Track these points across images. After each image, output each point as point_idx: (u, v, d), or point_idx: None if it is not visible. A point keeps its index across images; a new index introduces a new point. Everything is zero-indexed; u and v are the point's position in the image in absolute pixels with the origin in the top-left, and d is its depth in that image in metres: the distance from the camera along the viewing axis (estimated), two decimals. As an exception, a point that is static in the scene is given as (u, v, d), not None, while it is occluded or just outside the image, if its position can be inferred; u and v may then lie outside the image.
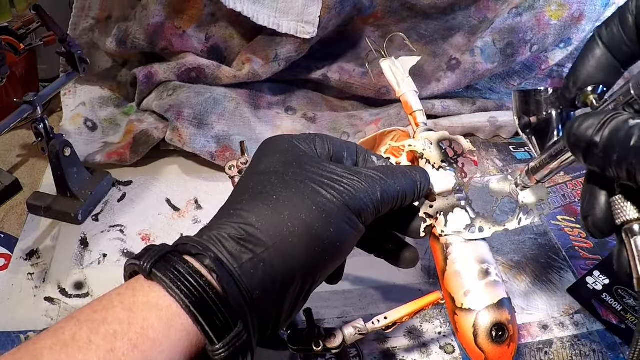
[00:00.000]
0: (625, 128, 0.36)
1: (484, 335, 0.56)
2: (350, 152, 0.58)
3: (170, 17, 1.03)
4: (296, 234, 0.47)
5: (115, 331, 0.39)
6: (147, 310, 0.41)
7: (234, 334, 0.42)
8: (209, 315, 0.42)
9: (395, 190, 0.54)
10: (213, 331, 0.42)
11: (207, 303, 0.42)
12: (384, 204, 0.53)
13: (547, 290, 0.79)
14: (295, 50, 1.02)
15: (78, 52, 0.88)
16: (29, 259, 0.82)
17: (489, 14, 1.09)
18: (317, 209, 0.49)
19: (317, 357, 0.70)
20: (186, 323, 0.42)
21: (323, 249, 0.49)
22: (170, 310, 0.42)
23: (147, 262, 0.43)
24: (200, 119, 0.96)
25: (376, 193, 0.53)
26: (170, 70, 1.03)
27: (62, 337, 0.39)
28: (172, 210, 0.91)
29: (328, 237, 0.49)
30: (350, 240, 0.52)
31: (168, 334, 0.41)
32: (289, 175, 0.51)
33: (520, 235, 0.87)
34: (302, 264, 0.48)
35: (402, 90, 0.71)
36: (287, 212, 0.48)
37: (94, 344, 0.38)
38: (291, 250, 0.47)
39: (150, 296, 0.42)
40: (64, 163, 0.85)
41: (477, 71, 1.05)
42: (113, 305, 0.42)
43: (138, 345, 0.39)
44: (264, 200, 0.49)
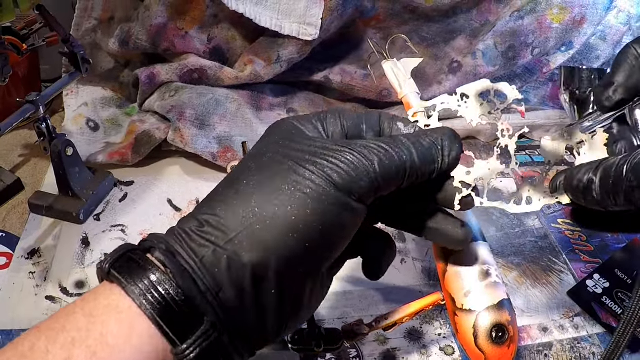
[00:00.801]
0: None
1: (484, 336, 0.56)
2: (371, 123, 0.52)
3: (173, 18, 1.03)
4: (264, 220, 0.42)
5: (74, 339, 0.38)
6: (107, 314, 0.39)
7: (199, 333, 0.39)
8: (169, 315, 0.39)
9: (399, 161, 0.47)
10: (175, 332, 0.39)
11: (167, 300, 0.39)
12: (384, 178, 0.46)
13: (547, 292, 0.79)
14: (297, 52, 1.03)
15: (81, 52, 0.89)
16: (31, 258, 0.82)
17: (490, 17, 1.09)
18: (289, 188, 0.43)
19: (317, 357, 0.70)
20: (148, 326, 0.39)
21: (299, 235, 0.43)
22: (130, 312, 0.39)
23: (107, 263, 0.41)
24: (202, 120, 0.97)
25: (373, 165, 0.45)
26: (172, 71, 1.03)
27: (21, 349, 0.38)
28: (174, 211, 0.91)
29: (303, 219, 0.43)
30: (338, 223, 0.45)
31: (129, 339, 0.38)
32: (267, 157, 0.47)
33: (520, 238, 0.87)
34: (277, 255, 0.42)
35: (404, 92, 0.71)
36: (256, 196, 0.44)
37: (51, 353, 0.37)
38: (260, 240, 0.42)
39: (111, 299, 0.40)
40: (66, 163, 0.85)
41: (479, 74, 1.05)
42: (74, 312, 0.40)
43: (97, 353, 0.37)
44: (234, 186, 0.46)
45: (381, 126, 0.52)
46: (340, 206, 0.44)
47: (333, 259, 0.48)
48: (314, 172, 0.44)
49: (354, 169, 0.44)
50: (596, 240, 0.87)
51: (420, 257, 0.83)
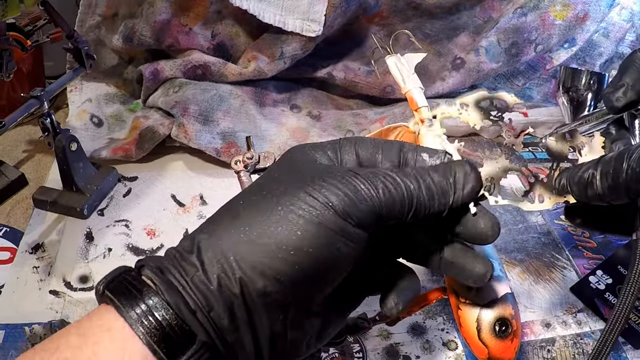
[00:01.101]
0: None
1: (487, 329, 0.56)
2: (389, 153, 0.49)
3: (177, 14, 1.04)
4: (253, 240, 0.41)
5: (67, 358, 0.37)
6: (100, 334, 0.39)
7: (190, 353, 0.39)
8: (161, 334, 0.38)
9: (405, 192, 0.44)
10: (166, 352, 0.38)
11: (158, 320, 0.38)
12: (387, 206, 0.43)
13: (550, 288, 0.80)
14: (300, 48, 1.03)
15: (85, 48, 0.89)
16: (35, 253, 0.82)
17: (493, 14, 1.09)
18: (282, 209, 0.42)
19: (320, 350, 0.70)
20: (141, 346, 0.38)
21: (291, 259, 0.41)
22: (123, 332, 0.39)
23: (101, 284, 0.41)
24: (206, 116, 0.97)
25: (376, 191, 0.43)
26: (176, 67, 1.04)
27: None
28: (177, 206, 0.91)
29: (294, 243, 0.41)
30: (333, 248, 0.42)
31: (122, 358, 0.38)
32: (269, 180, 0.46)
33: (523, 234, 0.88)
34: (266, 276, 0.40)
35: (407, 87, 0.71)
36: (248, 218, 0.43)
37: None
38: (249, 260, 0.41)
39: (105, 319, 0.40)
40: (70, 158, 0.86)
41: (482, 70, 1.05)
42: (68, 332, 0.40)
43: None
44: (231, 207, 0.45)
45: (403, 157, 0.49)
46: (336, 230, 0.42)
47: (328, 287, 0.45)
48: (310, 194, 0.42)
49: (353, 192, 0.42)
50: (599, 237, 0.87)
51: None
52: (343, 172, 0.44)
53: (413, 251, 0.52)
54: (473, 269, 0.49)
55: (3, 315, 0.74)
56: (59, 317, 0.73)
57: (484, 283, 0.50)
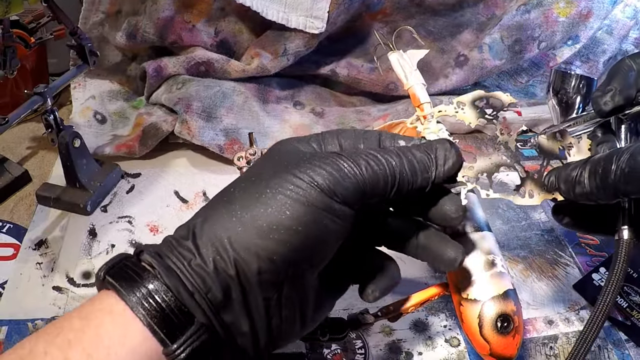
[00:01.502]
0: None
1: (489, 325, 0.56)
2: (370, 141, 0.51)
3: (180, 11, 1.04)
4: (246, 222, 0.43)
5: (70, 340, 0.39)
6: (101, 318, 0.40)
7: (189, 333, 0.40)
8: (160, 316, 0.40)
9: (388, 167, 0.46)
10: (166, 332, 0.40)
11: (158, 303, 0.40)
12: (371, 182, 0.45)
13: (552, 285, 0.79)
14: (304, 45, 1.03)
15: (88, 45, 0.89)
16: (38, 249, 0.82)
17: (497, 11, 1.09)
18: (270, 190, 0.44)
19: (322, 347, 0.70)
20: (142, 328, 0.40)
21: (281, 237, 0.43)
22: (124, 315, 0.40)
23: (102, 270, 0.42)
24: (209, 112, 0.97)
25: (359, 168, 0.45)
26: (179, 64, 1.04)
27: (21, 352, 0.39)
28: (181, 202, 0.92)
29: (282, 220, 0.43)
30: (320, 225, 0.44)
31: (124, 340, 0.39)
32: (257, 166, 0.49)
33: (526, 231, 0.88)
34: (258, 256, 0.42)
35: (409, 83, 0.72)
36: (239, 201, 0.45)
37: (48, 354, 0.38)
38: (242, 240, 0.42)
39: (106, 303, 0.41)
40: (73, 154, 0.86)
41: (485, 68, 1.05)
42: (70, 317, 0.41)
43: (92, 354, 0.38)
44: (224, 194, 0.47)
45: (381, 144, 0.51)
46: (322, 208, 0.44)
47: (318, 265, 0.47)
48: (296, 175, 0.44)
49: (338, 170, 0.44)
50: (602, 234, 0.87)
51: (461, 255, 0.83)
52: (327, 155, 0.46)
53: (391, 238, 0.54)
54: (444, 253, 0.51)
55: (6, 311, 0.74)
56: (62, 313, 0.74)
57: (455, 268, 0.52)
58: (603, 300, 0.50)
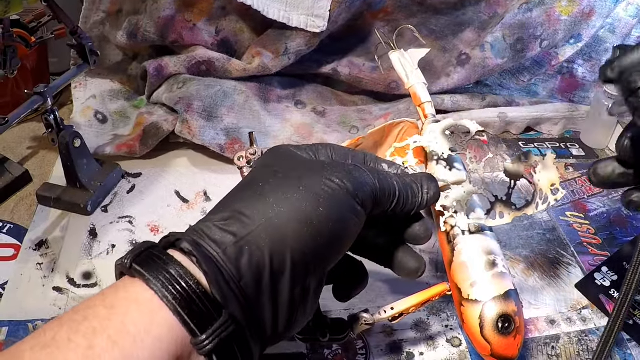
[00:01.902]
0: None
1: (490, 326, 0.56)
2: (356, 159, 0.58)
3: (181, 10, 1.03)
4: (282, 215, 0.46)
5: (95, 328, 0.39)
6: (127, 306, 0.40)
7: (218, 324, 0.41)
8: (190, 306, 0.40)
9: (392, 185, 0.54)
10: (196, 323, 0.40)
11: (187, 292, 0.41)
12: (381, 192, 0.53)
13: (555, 285, 0.79)
14: (305, 44, 1.02)
15: (89, 44, 0.89)
16: (38, 249, 0.82)
17: (499, 10, 1.09)
18: (304, 189, 0.48)
19: (323, 347, 0.70)
20: (168, 317, 0.41)
21: (313, 230, 0.47)
22: (151, 304, 0.41)
23: (128, 258, 0.43)
24: (210, 112, 0.97)
25: (374, 179, 0.52)
26: (180, 63, 1.04)
27: (43, 339, 0.38)
28: (181, 202, 0.91)
29: (317, 216, 0.47)
30: (346, 223, 0.50)
31: (149, 329, 0.40)
32: (277, 167, 0.51)
33: (528, 231, 0.87)
34: (292, 247, 0.45)
35: (410, 82, 0.72)
36: (272, 195, 0.47)
37: (73, 342, 0.38)
38: (278, 232, 0.45)
39: (131, 291, 0.42)
40: (73, 154, 0.86)
41: (487, 66, 1.05)
42: (95, 304, 0.41)
43: (118, 342, 0.38)
44: (250, 188, 0.49)
45: (367, 164, 0.58)
46: (347, 207, 0.49)
47: (337, 259, 0.51)
48: (327, 177, 0.49)
49: (359, 177, 0.51)
50: (604, 233, 0.87)
51: (428, 249, 0.83)
52: (348, 164, 0.53)
53: (374, 252, 0.62)
54: (408, 264, 0.60)
55: (7, 311, 0.74)
56: (62, 314, 0.74)
57: (417, 277, 0.60)
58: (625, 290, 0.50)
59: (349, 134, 1.03)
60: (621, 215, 0.90)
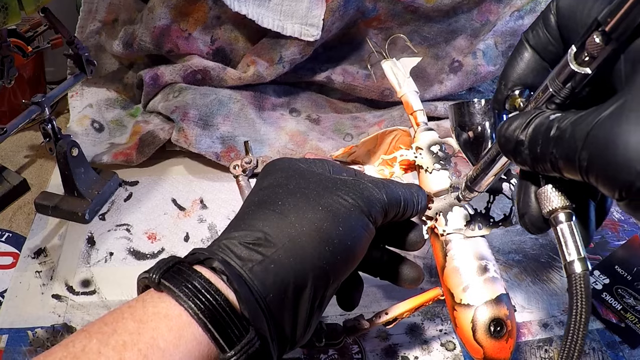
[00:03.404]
0: (547, 122, 0.38)
1: (482, 330, 0.57)
2: (349, 173, 0.59)
3: (176, 20, 1.04)
4: (304, 234, 0.48)
5: (125, 342, 0.39)
6: (157, 321, 0.41)
7: (246, 341, 0.42)
8: (219, 323, 0.42)
9: (398, 195, 0.56)
10: (224, 339, 0.41)
11: (217, 310, 0.42)
12: (390, 205, 0.55)
13: (547, 289, 0.80)
14: (299, 52, 1.03)
15: (85, 54, 0.90)
16: (37, 257, 0.83)
17: (491, 17, 1.10)
18: (323, 209, 0.50)
19: (319, 352, 0.70)
20: (197, 332, 0.42)
21: (333, 248, 0.49)
22: (180, 319, 0.42)
23: (156, 273, 0.43)
24: (206, 120, 0.97)
25: (382, 194, 0.54)
26: (176, 72, 1.04)
27: (73, 350, 0.39)
28: (178, 210, 0.92)
29: (337, 235, 0.49)
30: (362, 240, 0.52)
31: (178, 344, 0.41)
32: (292, 185, 0.52)
33: (521, 235, 0.88)
34: (314, 264, 0.47)
35: (403, 91, 0.72)
36: (293, 214, 0.49)
37: (103, 355, 0.38)
38: (301, 250, 0.47)
39: (160, 307, 0.42)
40: (71, 163, 0.86)
41: (479, 73, 1.06)
42: (123, 317, 0.42)
43: (148, 355, 0.39)
44: (269, 207, 0.50)
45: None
46: (362, 225, 0.51)
47: (350, 272, 0.53)
48: (342, 197, 0.51)
49: (369, 196, 0.53)
50: (596, 237, 0.87)
51: (421, 255, 0.84)
52: (357, 180, 0.54)
53: (375, 267, 0.64)
54: (408, 274, 0.63)
55: (6, 319, 0.75)
56: (61, 321, 0.74)
57: (418, 285, 0.64)
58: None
59: (343, 142, 1.04)
60: (613, 219, 0.91)
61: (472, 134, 0.63)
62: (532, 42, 0.45)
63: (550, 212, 0.42)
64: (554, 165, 0.37)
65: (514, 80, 0.46)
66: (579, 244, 0.41)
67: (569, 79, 0.38)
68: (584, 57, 0.36)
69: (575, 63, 0.37)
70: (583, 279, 0.40)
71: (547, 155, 0.37)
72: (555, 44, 0.43)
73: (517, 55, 0.46)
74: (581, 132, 0.34)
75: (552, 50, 0.43)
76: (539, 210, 0.44)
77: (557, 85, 0.39)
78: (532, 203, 0.45)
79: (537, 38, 0.44)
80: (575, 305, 0.39)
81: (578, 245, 0.40)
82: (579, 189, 0.43)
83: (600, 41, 0.35)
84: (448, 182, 0.65)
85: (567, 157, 0.35)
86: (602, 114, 0.33)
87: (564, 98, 0.40)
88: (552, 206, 0.42)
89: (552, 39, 0.43)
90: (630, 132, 0.31)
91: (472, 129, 0.63)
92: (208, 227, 0.88)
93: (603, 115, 0.33)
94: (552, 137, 0.36)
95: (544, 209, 0.43)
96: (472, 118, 0.63)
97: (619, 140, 0.31)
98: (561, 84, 0.39)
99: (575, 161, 0.35)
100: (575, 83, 0.38)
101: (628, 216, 0.91)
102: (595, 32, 0.35)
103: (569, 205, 0.42)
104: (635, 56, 0.34)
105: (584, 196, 0.44)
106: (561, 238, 0.41)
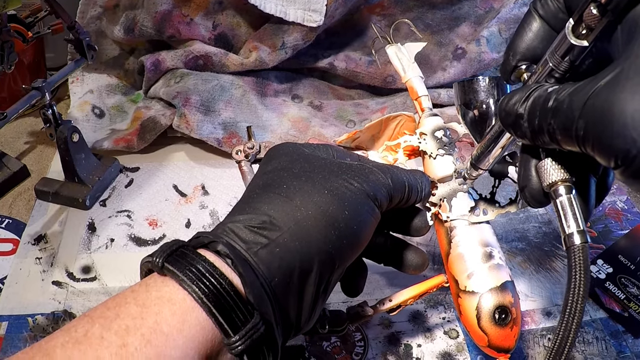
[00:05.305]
0: (545, 95, 0.38)
1: (487, 317, 0.56)
2: (353, 158, 0.59)
3: (178, 5, 1.03)
4: (310, 218, 0.47)
5: (128, 326, 0.39)
6: (160, 305, 0.41)
7: (250, 326, 0.41)
8: (223, 307, 0.41)
9: (403, 180, 0.55)
10: (228, 323, 0.41)
11: (221, 294, 0.41)
12: (395, 190, 0.54)
13: (550, 277, 0.80)
14: (302, 38, 1.03)
15: (86, 39, 0.89)
16: (37, 244, 0.83)
17: (495, 4, 1.09)
18: (329, 192, 0.49)
19: (322, 339, 0.70)
20: (200, 317, 0.41)
21: (339, 232, 0.48)
22: (184, 304, 0.41)
23: (159, 257, 0.43)
24: (207, 106, 0.97)
25: (387, 179, 0.53)
26: (177, 57, 1.04)
27: (75, 335, 0.38)
28: (179, 196, 0.92)
29: (343, 219, 0.48)
30: (368, 224, 0.51)
31: (182, 328, 0.40)
32: (297, 169, 0.52)
33: (524, 224, 0.88)
34: (319, 248, 0.47)
35: (407, 76, 0.72)
36: (299, 198, 0.48)
37: (105, 339, 0.38)
38: (307, 234, 0.46)
39: (164, 291, 0.42)
40: (72, 149, 0.86)
41: (483, 60, 1.05)
42: (126, 302, 0.41)
43: (151, 340, 0.39)
44: (274, 190, 0.50)
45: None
46: (368, 210, 0.51)
47: (356, 257, 0.52)
48: (348, 180, 0.50)
49: (375, 180, 0.52)
50: (600, 226, 0.87)
51: (425, 242, 0.83)
52: (363, 165, 0.54)
53: (379, 253, 0.63)
54: (413, 260, 0.63)
55: (6, 306, 0.74)
56: (62, 308, 0.74)
57: (423, 271, 0.63)
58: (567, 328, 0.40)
59: (346, 128, 1.03)
60: (616, 208, 0.90)
61: (477, 112, 0.62)
62: (541, 12, 0.44)
63: (550, 185, 0.42)
64: (552, 137, 0.37)
65: (522, 51, 0.46)
66: (579, 216, 0.41)
67: (567, 53, 0.39)
68: (581, 29, 0.37)
69: (573, 36, 0.37)
70: (582, 251, 0.39)
71: (545, 127, 0.37)
72: (564, 12, 0.43)
73: (525, 26, 0.45)
74: (578, 102, 0.34)
75: (562, 18, 0.43)
76: (539, 183, 0.45)
77: (556, 59, 0.40)
78: (532, 176, 0.46)
79: (546, 7, 0.44)
80: (573, 278, 0.39)
81: (577, 218, 0.40)
82: (580, 163, 0.43)
83: (597, 12, 0.35)
84: (452, 168, 0.64)
85: (565, 128, 0.35)
86: (599, 84, 0.33)
87: (563, 72, 0.40)
88: (552, 179, 0.42)
89: (561, 7, 0.43)
90: (626, 100, 0.31)
91: (476, 106, 0.62)
92: (210, 214, 0.87)
93: (599, 84, 0.33)
94: (550, 109, 0.37)
95: (544, 182, 0.43)
96: (477, 95, 0.62)
97: (614, 108, 0.31)
98: (560, 57, 0.39)
99: (572, 131, 0.35)
100: (573, 56, 0.39)
101: (632, 205, 0.91)
102: (592, 3, 0.35)
103: (568, 178, 0.42)
104: (631, 25, 0.34)
105: (584, 171, 0.44)
106: (560, 211, 0.41)
